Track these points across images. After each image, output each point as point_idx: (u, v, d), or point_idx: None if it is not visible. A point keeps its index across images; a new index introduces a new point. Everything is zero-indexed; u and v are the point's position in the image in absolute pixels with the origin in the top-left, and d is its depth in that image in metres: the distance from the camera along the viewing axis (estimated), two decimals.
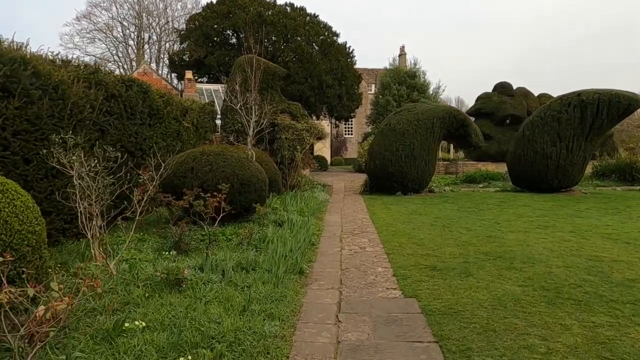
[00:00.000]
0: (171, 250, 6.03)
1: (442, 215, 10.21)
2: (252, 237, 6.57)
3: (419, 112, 14.06)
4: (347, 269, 5.89)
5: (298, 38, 24.86)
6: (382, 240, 7.69)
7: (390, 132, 14.07)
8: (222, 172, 7.10)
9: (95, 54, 52.10)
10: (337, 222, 9.75)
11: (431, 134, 13.94)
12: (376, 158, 14.23)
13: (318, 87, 24.82)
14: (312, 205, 10.64)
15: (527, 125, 14.88)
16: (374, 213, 10.79)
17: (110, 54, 49.84)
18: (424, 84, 28.18)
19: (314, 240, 7.49)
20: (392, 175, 13.94)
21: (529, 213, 10.51)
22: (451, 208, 11.44)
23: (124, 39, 51.09)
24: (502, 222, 9.26)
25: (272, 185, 11.56)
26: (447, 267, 5.79)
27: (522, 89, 23.02)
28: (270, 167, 11.75)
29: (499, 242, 7.35)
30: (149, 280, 4.59)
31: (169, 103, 9.87)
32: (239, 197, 7.24)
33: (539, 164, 14.35)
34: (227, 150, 7.49)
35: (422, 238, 7.76)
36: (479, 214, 10.42)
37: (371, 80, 49.33)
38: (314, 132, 13.81)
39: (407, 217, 10.13)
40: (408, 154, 13.78)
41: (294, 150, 12.98)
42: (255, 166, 7.62)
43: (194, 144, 11.36)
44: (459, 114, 14.17)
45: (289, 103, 14.97)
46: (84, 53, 49.20)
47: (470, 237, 7.81)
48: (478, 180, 18.78)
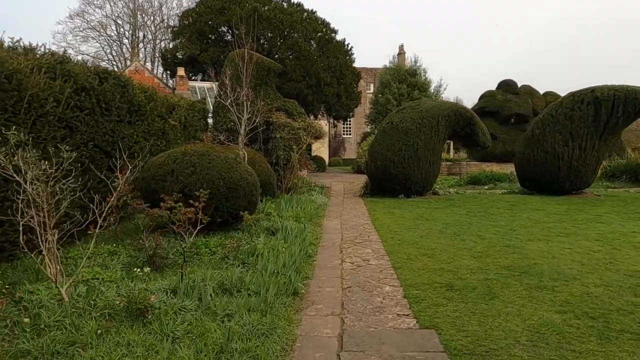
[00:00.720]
0: (144, 266, 5.18)
1: (450, 221, 9.38)
2: (239, 249, 5.71)
3: (423, 110, 13.23)
4: (349, 288, 5.05)
5: (295, 34, 24.02)
6: (388, 250, 6.85)
7: (392, 131, 13.24)
8: (206, 175, 6.25)
9: (89, 52, 51.20)
10: (337, 228, 8.91)
11: (436, 133, 13.12)
12: (377, 159, 13.39)
13: (316, 85, 23.97)
14: (309, 209, 9.80)
15: (536, 124, 14.07)
16: (376, 218, 9.95)
17: (104, 52, 48.94)
18: (425, 82, 27.36)
19: (311, 251, 6.65)
20: (394, 176, 13.10)
21: (544, 218, 9.69)
22: (459, 212, 10.61)
23: (119, 38, 50.20)
24: (518, 229, 8.43)
25: (266, 188, 10.72)
26: (466, 286, 4.95)
27: (527, 86, 22.25)
28: (264, 169, 10.90)
29: (520, 253, 6.51)
30: (107, 309, 3.74)
31: (152, 99, 9.01)
32: (226, 203, 6.38)
33: (549, 165, 13.53)
34: (213, 150, 6.64)
35: (432, 248, 6.93)
36: (490, 219, 9.59)
37: (370, 79, 48.52)
38: (311, 131, 12.98)
39: (413, 222, 9.30)
40: (411, 154, 12.95)
41: (289, 150, 12.14)
42: (244, 168, 6.78)
43: (182, 144, 10.49)
44: (465, 111, 13.35)
45: (285, 100, 14.13)
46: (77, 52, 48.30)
47: (486, 246, 6.98)
48: (483, 181, 17.97)
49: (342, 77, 25.54)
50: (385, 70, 28.95)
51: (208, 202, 6.25)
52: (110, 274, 4.70)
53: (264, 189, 10.67)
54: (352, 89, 26.39)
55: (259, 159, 11.03)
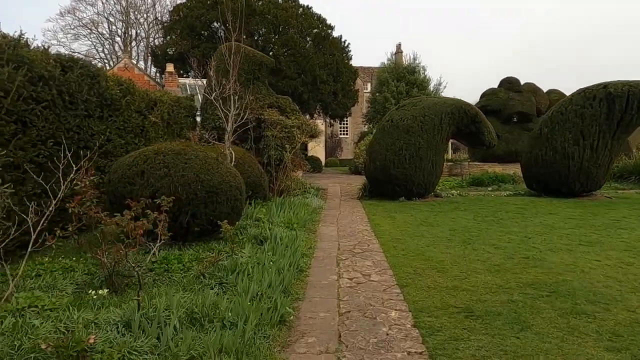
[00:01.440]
0: (103, 286, 4.32)
1: (458, 227, 8.55)
2: (218, 265, 4.85)
3: (425, 107, 12.40)
4: (348, 313, 4.20)
5: (290, 30, 23.17)
6: (391, 263, 6.00)
7: (392, 129, 12.40)
8: (181, 177, 5.38)
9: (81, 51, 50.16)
10: (333, 236, 8.06)
11: (439, 132, 12.30)
12: (376, 159, 12.56)
13: (311, 82, 23.13)
14: (302, 214, 8.94)
15: (545, 122, 13.28)
16: (376, 224, 9.11)
17: (96, 50, 47.96)
18: (424, 80, 26.56)
19: (304, 265, 5.79)
20: (394, 178, 12.27)
21: (559, 223, 8.88)
22: (466, 217, 9.78)
23: (111, 36, 49.23)
24: (533, 236, 7.61)
25: (256, 190, 9.87)
26: (488, 311, 4.11)
27: (531, 84, 21.49)
28: (255, 170, 10.05)
29: (543, 266, 5.69)
30: (33, 353, 2.87)
31: (129, 92, 8.14)
32: (205, 209, 5.52)
33: (559, 165, 12.74)
34: (191, 149, 5.77)
35: (441, 260, 6.09)
36: (501, 225, 8.77)
37: (367, 78, 47.77)
38: (305, 130, 12.14)
39: (417, 228, 8.46)
40: (413, 154, 12.12)
41: (282, 149, 11.29)
42: (227, 169, 5.91)
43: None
44: (470, 108, 12.54)
45: (278, 97, 13.28)
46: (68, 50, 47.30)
47: (503, 258, 6.15)
48: (486, 182, 17.16)
49: (338, 75, 24.72)
50: (384, 68, 28.13)
51: (184, 208, 5.40)
52: (54, 299, 3.83)
53: (254, 191, 9.83)
54: (349, 87, 25.57)
55: (249, 159, 10.18)
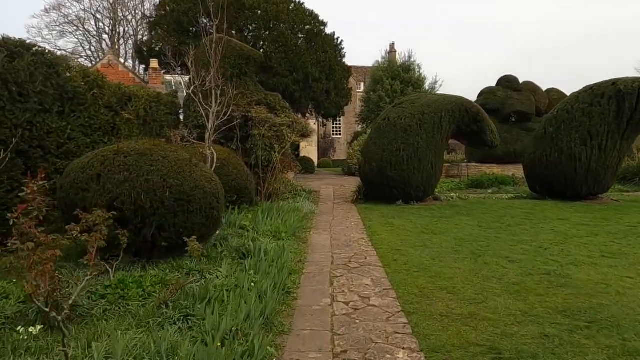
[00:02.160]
0: (37, 320, 3.45)
1: (463, 235, 7.76)
2: (186, 290, 3.99)
3: (424, 105, 11.62)
4: (345, 354, 3.37)
5: (281, 26, 22.31)
6: (393, 281, 5.18)
7: (389, 128, 11.60)
8: (145, 182, 4.51)
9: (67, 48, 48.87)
10: (326, 246, 7.22)
11: (439, 131, 11.51)
12: (372, 159, 11.75)
13: (303, 80, 22.27)
14: (292, 221, 8.08)
15: (549, 121, 12.56)
16: (374, 231, 8.29)
17: (82, 48, 46.70)
18: (419, 78, 25.83)
19: (291, 284, 4.94)
20: (391, 180, 11.47)
21: (572, 231, 8.12)
22: (470, 223, 9.00)
23: (98, 33, 48.02)
24: (549, 247, 6.83)
25: (242, 194, 9.02)
26: (520, 353, 3.29)
27: (530, 83, 20.85)
28: (240, 172, 9.19)
29: (569, 285, 4.90)
30: None
31: (96, 85, 7.23)
32: (174, 219, 4.65)
33: (565, 167, 12.02)
34: (160, 149, 4.90)
35: (450, 277, 5.28)
36: (509, 232, 8.00)
37: (360, 78, 47.00)
38: (296, 129, 11.29)
39: (419, 237, 7.65)
40: (411, 155, 11.32)
41: (271, 150, 10.42)
42: (202, 172, 5.04)
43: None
44: (471, 106, 11.78)
45: (267, 93, 12.42)
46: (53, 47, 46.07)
47: (520, 274, 5.36)
48: (486, 184, 16.44)
49: (331, 73, 23.89)
50: (378, 67, 27.36)
51: (148, 219, 4.53)
52: None
53: (240, 195, 8.97)
54: (342, 85, 24.75)
55: (234, 160, 9.31)
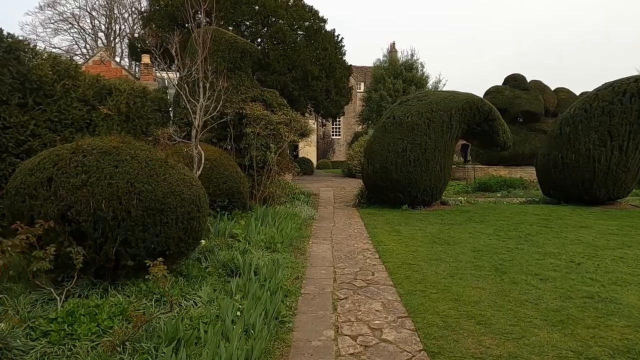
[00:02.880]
0: None
1: (480, 246, 6.92)
2: (153, 324, 3.14)
3: (432, 102, 10.78)
4: None
5: (280, 21, 21.48)
6: (408, 305, 4.34)
7: (395, 126, 10.77)
8: (108, 187, 3.66)
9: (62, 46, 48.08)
10: (327, 258, 6.38)
11: (448, 130, 10.68)
12: (376, 160, 10.91)
13: (302, 79, 21.43)
14: (289, 229, 7.22)
15: (566, 121, 11.74)
16: (379, 240, 7.44)
17: (77, 46, 45.85)
18: (422, 77, 25.01)
19: (286, 311, 4.10)
20: (397, 183, 10.63)
21: (601, 241, 7.29)
22: (486, 231, 8.17)
23: (93, 31, 47.19)
24: (582, 261, 6.00)
25: (234, 198, 8.18)
26: None
27: (537, 82, 20.07)
28: (232, 174, 8.34)
29: (622, 314, 4.06)
30: None
31: (67, 75, 6.38)
32: (143, 233, 3.80)
33: (582, 170, 11.21)
34: (128, 147, 4.04)
35: (475, 300, 4.44)
36: (532, 243, 7.16)
37: (360, 78, 46.24)
38: (294, 127, 10.46)
39: (431, 248, 6.82)
40: (418, 156, 10.49)
41: (266, 150, 9.57)
42: (180, 175, 4.18)
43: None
44: (483, 104, 10.95)
45: (263, 90, 11.58)
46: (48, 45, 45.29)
47: (558, 297, 4.52)
48: (494, 187, 15.63)
49: (331, 71, 23.05)
50: (379, 65, 26.53)
51: (111, 232, 3.69)
52: None
53: (232, 200, 8.13)
54: (342, 84, 23.91)
55: (226, 161, 8.46)
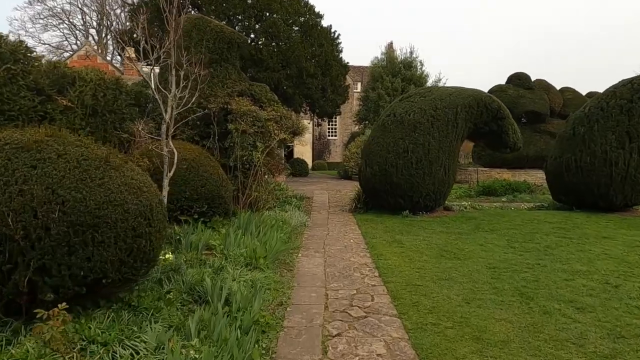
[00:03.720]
0: None
1: (496, 261, 6.00)
2: None
3: (436, 98, 9.87)
4: None
5: (274, 16, 20.53)
6: (418, 348, 3.40)
7: (395, 125, 9.84)
8: (18, 195, 2.68)
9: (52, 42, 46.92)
10: (318, 275, 5.43)
11: (453, 129, 9.77)
12: (374, 162, 9.98)
13: (297, 76, 20.49)
14: (274, 241, 6.25)
15: (580, 120, 10.85)
16: (379, 253, 6.50)
17: (67, 42, 44.72)
18: (421, 75, 24.12)
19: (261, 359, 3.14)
20: (397, 187, 9.70)
21: (632, 256, 6.38)
22: (498, 243, 7.24)
23: (85, 27, 46.08)
24: (620, 282, 5.08)
25: (213, 204, 7.23)
26: None
27: (542, 81, 19.25)
28: (214, 176, 7.38)
29: None
30: None
31: (13, 59, 5.40)
32: (69, 257, 2.83)
33: (598, 173, 10.32)
34: (56, 141, 3.08)
35: (503, 340, 3.51)
36: (553, 258, 6.24)
37: (357, 78, 45.39)
38: (285, 125, 9.51)
39: (438, 263, 5.88)
40: (421, 157, 9.57)
41: (253, 149, 8.61)
42: (125, 179, 3.22)
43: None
44: (492, 101, 10.05)
45: (252, 83, 10.63)
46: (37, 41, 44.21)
47: (607, 335, 3.60)
48: (499, 191, 14.73)
49: (327, 68, 22.13)
50: (377, 63, 25.61)
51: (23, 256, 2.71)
52: None
53: (211, 205, 7.17)
54: (339, 82, 22.99)
55: (206, 161, 7.50)
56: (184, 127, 9.28)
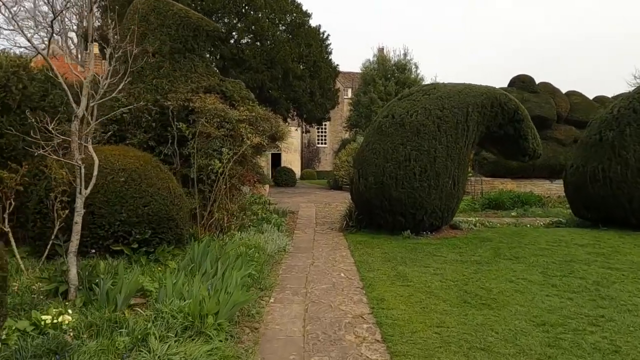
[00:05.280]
0: None
1: (540, 311, 4.34)
2: None
3: (443, 96, 8.27)
4: None
5: (258, 13, 18.95)
6: None
7: (394, 128, 8.21)
8: None
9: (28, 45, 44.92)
10: (294, 340, 3.72)
11: (463, 133, 8.17)
12: (369, 172, 8.32)
13: (283, 77, 18.88)
14: (234, 285, 4.46)
15: (607, 124, 9.35)
16: (380, 297, 4.80)
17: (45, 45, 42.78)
18: (416, 79, 22.67)
19: None
20: (397, 203, 8.04)
21: None
22: (530, 276, 5.60)
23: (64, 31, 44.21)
24: None
25: (160, 228, 5.52)
26: None
27: (547, 84, 17.89)
28: (161, 191, 5.66)
29: None
30: None
31: None
32: None
33: (630, 185, 8.82)
34: None
35: None
36: (610, 300, 4.64)
37: (347, 84, 44.06)
38: (261, 127, 7.82)
39: (464, 316, 4.20)
40: (426, 167, 7.94)
41: (218, 156, 6.87)
42: None
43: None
44: (508, 100, 8.48)
45: (224, 79, 8.93)
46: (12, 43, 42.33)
47: None
48: (506, 204, 13.20)
49: (316, 70, 20.57)
50: (369, 65, 24.10)
51: None
52: None
53: (157, 231, 5.47)
54: (328, 85, 21.42)
55: (152, 172, 5.77)
56: (136, 129, 7.56)
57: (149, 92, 7.80)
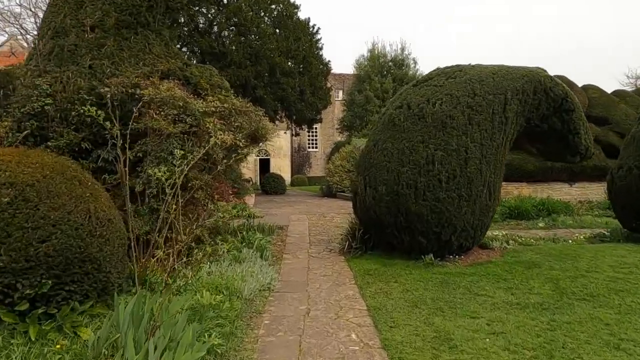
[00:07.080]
0: None
1: None
2: None
3: (473, 80, 6.38)
4: None
5: (241, 4, 17.04)
6: None
7: (411, 121, 6.30)
8: None
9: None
10: None
11: (501, 127, 6.29)
12: (378, 180, 6.40)
13: (269, 73, 16.96)
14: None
15: None
16: None
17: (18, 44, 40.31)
18: (414, 75, 20.90)
19: None
20: (417, 218, 6.11)
21: None
22: (636, 335, 3.71)
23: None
24: None
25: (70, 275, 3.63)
26: None
27: (563, 78, 16.25)
28: (73, 215, 3.67)
29: None
30: None
31: None
32: None
33: None
34: None
35: None
36: None
37: (339, 85, 42.28)
38: (237, 123, 5.88)
39: None
40: (455, 171, 6.03)
41: (170, 162, 4.90)
42: None
43: None
44: (555, 85, 6.63)
45: (188, 63, 6.99)
46: None
47: None
48: (531, 213, 11.34)
49: (306, 67, 18.68)
50: (364, 61, 22.26)
51: None
52: None
53: (63, 279, 3.46)
54: (319, 82, 19.52)
55: (62, 187, 3.78)
56: (63, 127, 5.56)
57: (84, 77, 5.82)
